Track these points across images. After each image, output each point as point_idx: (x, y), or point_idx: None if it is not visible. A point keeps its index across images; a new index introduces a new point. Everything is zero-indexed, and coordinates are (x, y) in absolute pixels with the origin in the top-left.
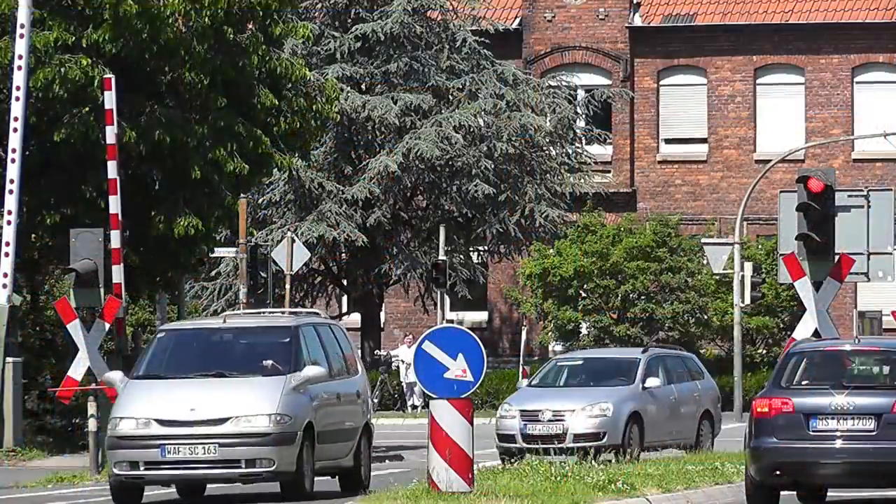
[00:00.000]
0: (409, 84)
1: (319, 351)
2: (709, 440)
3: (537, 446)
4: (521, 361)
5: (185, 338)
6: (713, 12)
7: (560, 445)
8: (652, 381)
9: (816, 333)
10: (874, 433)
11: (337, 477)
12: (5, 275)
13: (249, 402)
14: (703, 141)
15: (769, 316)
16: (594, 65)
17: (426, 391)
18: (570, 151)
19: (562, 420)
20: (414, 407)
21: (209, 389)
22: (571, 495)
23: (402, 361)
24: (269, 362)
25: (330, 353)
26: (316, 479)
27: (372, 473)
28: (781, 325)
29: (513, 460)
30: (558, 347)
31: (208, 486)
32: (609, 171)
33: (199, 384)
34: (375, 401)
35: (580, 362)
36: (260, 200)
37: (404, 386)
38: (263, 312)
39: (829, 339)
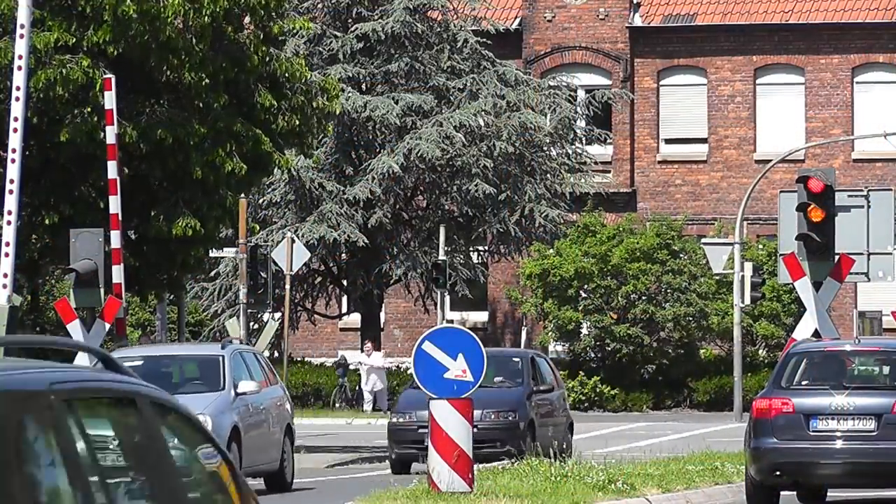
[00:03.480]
0: (410, 84)
1: None
2: (289, 467)
3: None
4: None
5: None
6: (713, 12)
7: None
8: (246, 386)
9: (816, 333)
10: (874, 433)
11: None
12: (5, 275)
13: None
14: (703, 141)
15: (772, 322)
16: (594, 65)
17: (426, 391)
18: (570, 151)
19: None
20: (363, 411)
21: None
22: (571, 495)
23: (361, 364)
24: None
25: None
26: None
27: (370, 473)
28: (785, 331)
29: None
30: (559, 347)
31: None
32: (609, 171)
33: None
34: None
35: (139, 363)
36: (260, 201)
37: (363, 391)
38: None
39: (830, 340)
